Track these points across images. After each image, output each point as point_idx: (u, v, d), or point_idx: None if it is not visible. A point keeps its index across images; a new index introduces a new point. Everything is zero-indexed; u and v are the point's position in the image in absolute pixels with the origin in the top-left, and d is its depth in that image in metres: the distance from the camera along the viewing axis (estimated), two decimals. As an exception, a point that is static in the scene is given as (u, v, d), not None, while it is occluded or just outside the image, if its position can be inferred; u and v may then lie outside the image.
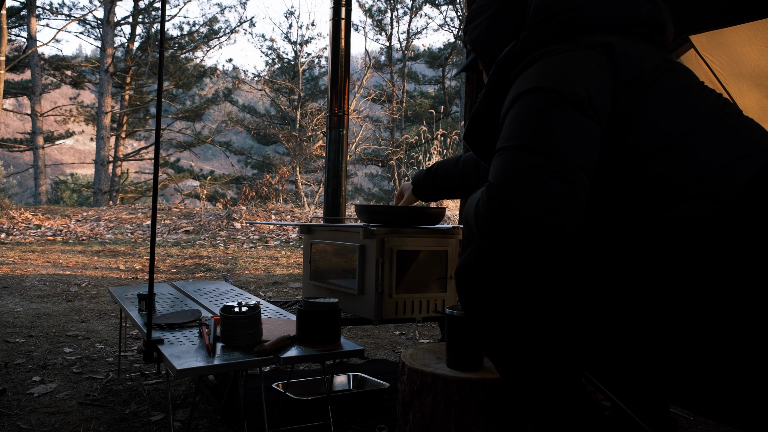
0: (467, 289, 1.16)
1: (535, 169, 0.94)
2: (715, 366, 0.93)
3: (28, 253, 6.66)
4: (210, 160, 28.42)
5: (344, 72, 3.02)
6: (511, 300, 1.09)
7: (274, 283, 4.89)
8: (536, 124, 0.99)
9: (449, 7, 19.77)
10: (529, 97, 1.03)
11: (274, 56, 19.76)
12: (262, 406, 1.66)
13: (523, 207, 0.93)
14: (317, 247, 2.29)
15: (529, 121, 1.00)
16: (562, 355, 1.09)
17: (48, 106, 18.02)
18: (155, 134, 1.56)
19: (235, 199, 14.31)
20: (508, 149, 0.99)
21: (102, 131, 15.79)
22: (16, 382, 2.17)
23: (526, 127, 1.00)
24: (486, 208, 0.98)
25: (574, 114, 0.98)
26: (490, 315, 1.13)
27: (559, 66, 1.05)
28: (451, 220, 7.72)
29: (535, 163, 0.95)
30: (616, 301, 1.00)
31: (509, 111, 1.06)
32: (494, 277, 1.10)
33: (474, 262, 1.13)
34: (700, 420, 1.84)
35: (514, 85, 1.09)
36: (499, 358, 1.16)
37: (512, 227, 0.95)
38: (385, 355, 2.69)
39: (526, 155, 0.96)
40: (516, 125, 1.01)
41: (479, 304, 1.14)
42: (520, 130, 1.00)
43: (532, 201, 0.93)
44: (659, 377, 1.01)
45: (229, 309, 1.48)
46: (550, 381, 1.10)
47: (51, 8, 16.96)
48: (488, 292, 1.11)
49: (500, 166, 0.99)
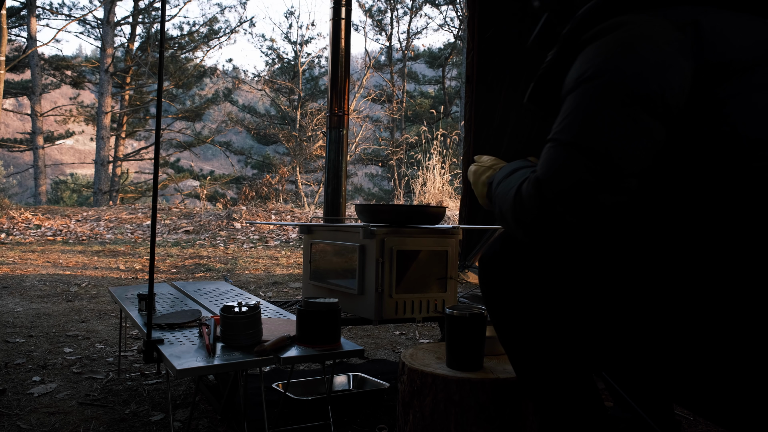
0: (491, 279, 1.14)
1: (587, 178, 0.90)
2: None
3: (28, 253, 6.66)
4: (210, 160, 28.42)
5: (344, 72, 3.02)
6: (536, 292, 1.08)
7: (274, 283, 4.89)
8: (595, 123, 0.92)
9: (449, 7, 19.77)
10: (593, 87, 0.94)
11: (274, 56, 19.77)
12: (262, 406, 1.66)
13: (571, 214, 0.92)
14: (317, 247, 2.29)
15: (589, 116, 0.93)
16: (580, 351, 1.08)
17: (48, 106, 18.02)
18: (155, 134, 1.56)
19: (235, 199, 14.31)
20: (563, 144, 0.94)
21: (102, 131, 15.79)
22: (16, 382, 2.16)
23: (585, 123, 0.93)
24: (531, 202, 0.95)
25: (640, 115, 0.91)
26: (512, 306, 1.11)
27: (631, 48, 0.94)
28: (451, 220, 7.72)
29: (588, 171, 0.90)
30: (648, 296, 0.98)
31: (570, 93, 0.98)
32: (521, 269, 1.09)
33: (500, 252, 1.12)
34: (700, 420, 1.84)
35: (582, 57, 0.99)
36: (516, 351, 1.15)
37: (554, 229, 0.94)
38: (385, 355, 2.69)
39: (580, 159, 0.91)
40: (574, 116, 0.94)
41: (502, 294, 1.12)
42: (578, 125, 0.93)
43: (580, 210, 0.91)
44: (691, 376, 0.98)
45: (229, 309, 1.48)
46: (565, 376, 1.10)
47: (51, 8, 16.97)
48: (513, 283, 1.10)
49: (552, 165, 0.94)
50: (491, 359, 1.54)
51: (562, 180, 0.92)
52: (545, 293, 1.07)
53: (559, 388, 1.10)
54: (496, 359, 1.55)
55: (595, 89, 0.94)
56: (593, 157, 0.91)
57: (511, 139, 4.35)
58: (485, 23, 4.45)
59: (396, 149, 14.81)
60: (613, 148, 0.90)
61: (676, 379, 0.99)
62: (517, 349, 1.15)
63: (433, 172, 8.69)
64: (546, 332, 1.09)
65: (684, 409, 1.81)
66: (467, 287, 4.31)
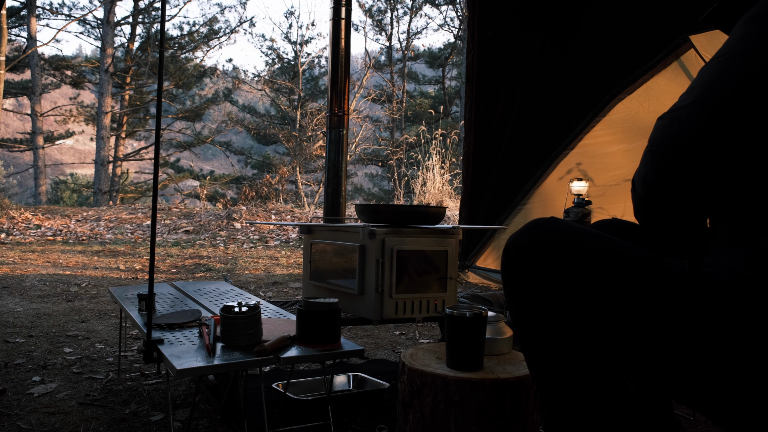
0: (515, 269, 1.11)
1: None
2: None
3: (28, 253, 6.66)
4: (210, 160, 28.42)
5: (344, 72, 3.02)
6: (562, 286, 1.05)
7: (274, 283, 4.89)
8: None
9: (449, 7, 19.78)
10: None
11: (274, 56, 19.78)
12: (262, 406, 1.66)
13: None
14: (317, 247, 2.29)
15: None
16: (602, 353, 1.07)
17: (48, 106, 18.03)
18: (155, 134, 1.56)
19: (235, 199, 14.32)
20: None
21: (102, 131, 15.79)
22: (16, 382, 2.16)
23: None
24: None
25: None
26: (536, 300, 1.09)
27: None
28: (451, 220, 7.72)
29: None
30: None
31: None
32: (548, 261, 1.05)
33: (528, 243, 1.08)
34: (701, 420, 1.84)
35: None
36: (532, 345, 1.12)
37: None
38: (385, 355, 2.69)
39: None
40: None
41: (526, 285, 1.09)
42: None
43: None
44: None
45: (229, 309, 1.48)
46: (580, 375, 1.08)
47: (51, 8, 16.97)
48: (538, 275, 1.07)
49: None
50: (491, 359, 1.54)
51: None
52: (573, 289, 1.04)
53: (571, 386, 1.09)
54: (496, 359, 1.55)
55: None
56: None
57: (511, 139, 4.35)
58: (485, 23, 4.45)
59: (396, 149, 14.81)
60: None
61: (677, 378, 0.99)
62: (533, 343, 1.13)
63: (432, 172, 8.69)
64: (565, 329, 1.06)
65: (685, 406, 1.81)
66: (467, 287, 4.31)
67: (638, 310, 1.00)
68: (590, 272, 1.02)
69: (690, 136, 0.90)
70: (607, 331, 1.04)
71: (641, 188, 1.01)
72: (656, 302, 0.98)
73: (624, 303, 1.01)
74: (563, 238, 1.04)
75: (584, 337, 1.06)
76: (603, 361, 1.09)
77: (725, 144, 0.89)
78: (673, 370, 1.00)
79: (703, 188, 0.93)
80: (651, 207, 1.00)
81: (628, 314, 1.01)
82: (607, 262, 1.02)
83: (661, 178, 0.96)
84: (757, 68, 0.87)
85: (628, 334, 1.02)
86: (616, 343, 1.04)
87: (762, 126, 0.87)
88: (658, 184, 0.96)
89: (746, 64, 0.88)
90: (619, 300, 1.01)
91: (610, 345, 1.05)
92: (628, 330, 1.02)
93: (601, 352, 1.07)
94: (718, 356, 0.93)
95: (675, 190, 0.95)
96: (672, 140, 0.93)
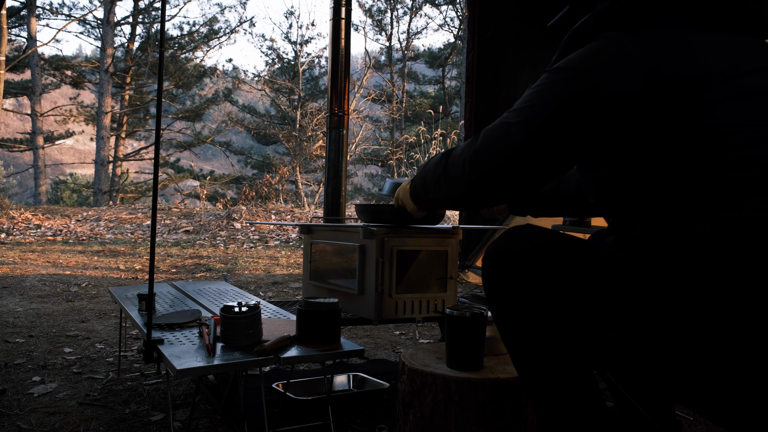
0: (496, 276, 1.14)
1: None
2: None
3: (28, 253, 6.66)
4: (210, 160, 28.42)
5: (344, 72, 3.02)
6: (540, 290, 1.08)
7: (274, 283, 4.89)
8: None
9: (449, 7, 19.77)
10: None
11: (274, 56, 19.78)
12: (262, 406, 1.66)
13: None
14: (317, 247, 2.29)
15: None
16: (582, 350, 1.08)
17: (48, 106, 18.02)
18: (155, 134, 1.56)
19: (235, 199, 14.31)
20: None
21: (102, 131, 15.79)
22: (16, 382, 2.16)
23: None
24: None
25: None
26: (516, 303, 1.11)
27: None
28: (451, 220, 7.72)
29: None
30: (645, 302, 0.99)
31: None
32: (526, 266, 1.09)
33: (506, 249, 1.12)
34: (701, 420, 1.84)
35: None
36: (518, 348, 1.14)
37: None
38: (385, 355, 2.69)
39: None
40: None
41: (506, 291, 1.12)
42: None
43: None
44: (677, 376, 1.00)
45: (229, 309, 1.48)
46: (567, 375, 1.10)
47: (51, 8, 16.97)
48: (517, 281, 1.10)
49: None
50: (491, 359, 1.54)
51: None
52: (551, 291, 1.07)
53: (561, 387, 1.10)
54: (496, 359, 1.55)
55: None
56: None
57: (511, 139, 4.34)
58: (485, 23, 4.45)
59: (396, 149, 14.81)
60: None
61: (677, 378, 0.99)
62: (519, 347, 1.15)
63: (433, 172, 8.67)
64: (550, 331, 1.09)
65: (685, 407, 1.81)
66: (467, 287, 4.31)
67: (610, 305, 1.03)
68: (564, 273, 1.06)
69: (519, 146, 1.08)
70: (586, 329, 1.07)
71: (466, 181, 1.17)
72: (622, 294, 1.02)
73: (597, 299, 1.04)
74: (539, 240, 1.09)
75: (566, 336, 1.08)
76: (589, 360, 1.11)
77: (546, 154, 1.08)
78: (654, 363, 1.02)
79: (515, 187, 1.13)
80: (473, 196, 1.17)
81: (602, 310, 1.04)
82: (579, 262, 1.06)
83: (486, 175, 1.13)
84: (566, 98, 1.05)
85: (605, 329, 1.04)
86: (597, 341, 1.06)
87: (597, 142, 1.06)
88: (485, 176, 1.13)
89: (556, 99, 1.06)
90: (592, 297, 1.04)
91: (591, 343, 1.07)
92: (604, 326, 1.05)
93: (586, 350, 1.09)
94: (685, 343, 0.96)
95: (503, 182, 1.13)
96: (503, 147, 1.10)
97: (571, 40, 1.13)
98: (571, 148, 1.07)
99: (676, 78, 0.99)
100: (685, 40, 1.03)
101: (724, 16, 1.07)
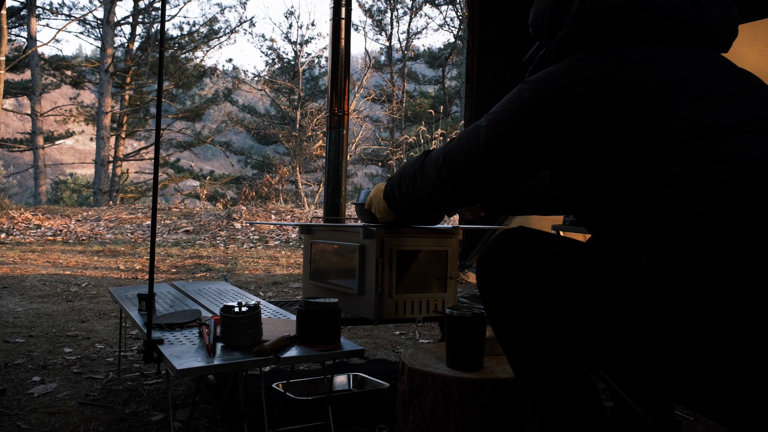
0: (489, 279, 1.15)
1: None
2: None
3: (28, 253, 6.66)
4: (210, 160, 28.41)
5: (344, 72, 3.02)
6: (534, 292, 1.09)
7: (274, 283, 4.89)
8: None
9: (449, 7, 19.77)
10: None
11: (274, 56, 19.77)
12: (262, 406, 1.66)
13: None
14: (317, 247, 2.29)
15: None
16: (579, 351, 1.09)
17: (48, 106, 18.02)
18: (155, 134, 1.56)
19: (235, 199, 14.31)
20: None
21: (102, 131, 15.79)
22: (16, 382, 2.17)
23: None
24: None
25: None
26: (511, 306, 1.12)
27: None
28: (451, 220, 7.72)
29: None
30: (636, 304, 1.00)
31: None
32: (519, 269, 1.10)
33: (498, 252, 1.14)
34: (701, 420, 1.84)
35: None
36: (514, 350, 1.15)
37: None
38: (385, 355, 2.69)
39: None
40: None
41: (500, 294, 1.13)
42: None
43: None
44: (670, 376, 1.00)
45: (229, 309, 1.48)
46: (564, 376, 1.10)
47: (51, 8, 16.96)
48: (511, 283, 1.11)
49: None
50: (491, 359, 1.54)
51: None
52: (543, 293, 1.08)
53: (558, 388, 1.11)
54: (496, 359, 1.55)
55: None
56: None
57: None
58: (485, 23, 4.45)
59: (396, 149, 14.81)
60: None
61: (677, 378, 0.99)
62: (515, 349, 1.16)
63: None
64: (544, 332, 1.10)
65: (684, 407, 1.81)
66: (467, 287, 4.31)
67: (600, 303, 1.04)
68: (555, 273, 1.08)
69: (483, 151, 1.14)
70: (578, 328, 1.07)
71: (449, 180, 1.22)
72: (611, 292, 1.03)
73: (587, 297, 1.05)
74: (530, 243, 1.11)
75: (559, 336, 1.09)
76: (584, 360, 1.11)
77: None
78: (646, 360, 1.02)
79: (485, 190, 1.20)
80: (455, 193, 1.22)
81: (592, 308, 1.05)
82: (569, 262, 1.07)
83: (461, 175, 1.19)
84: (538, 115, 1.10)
85: (597, 327, 1.05)
86: (590, 339, 1.07)
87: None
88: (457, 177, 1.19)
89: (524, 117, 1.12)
90: (582, 295, 1.06)
91: (584, 341, 1.08)
92: (596, 324, 1.05)
93: (580, 350, 1.10)
94: (674, 340, 0.96)
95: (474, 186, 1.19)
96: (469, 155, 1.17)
97: (538, 66, 1.21)
98: (532, 160, 1.12)
99: (630, 89, 1.03)
100: (640, 55, 1.08)
101: (673, 34, 1.12)
